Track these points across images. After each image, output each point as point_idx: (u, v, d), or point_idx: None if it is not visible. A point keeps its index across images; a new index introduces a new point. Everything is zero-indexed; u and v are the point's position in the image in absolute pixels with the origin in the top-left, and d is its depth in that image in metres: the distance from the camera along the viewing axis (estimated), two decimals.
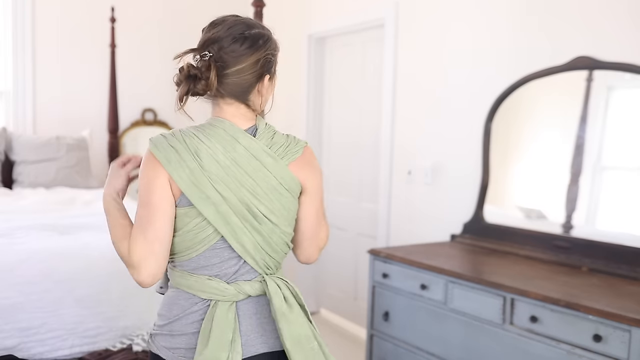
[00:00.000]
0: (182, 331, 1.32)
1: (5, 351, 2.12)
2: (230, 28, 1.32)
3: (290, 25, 4.32)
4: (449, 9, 3.14)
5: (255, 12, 2.38)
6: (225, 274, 1.33)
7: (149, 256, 1.26)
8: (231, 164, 1.29)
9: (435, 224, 3.19)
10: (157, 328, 1.37)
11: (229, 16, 1.36)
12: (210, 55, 1.30)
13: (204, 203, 1.27)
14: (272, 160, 1.33)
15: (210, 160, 1.28)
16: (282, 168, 1.34)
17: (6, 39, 4.01)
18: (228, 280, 1.33)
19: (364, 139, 3.86)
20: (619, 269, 2.29)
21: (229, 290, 1.31)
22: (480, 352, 2.26)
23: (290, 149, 1.37)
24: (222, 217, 1.28)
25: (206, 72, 1.29)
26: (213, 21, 1.36)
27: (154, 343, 1.37)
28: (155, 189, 1.27)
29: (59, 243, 2.47)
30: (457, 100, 3.09)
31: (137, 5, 4.44)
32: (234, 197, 1.29)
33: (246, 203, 1.30)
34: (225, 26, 1.32)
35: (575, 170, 2.53)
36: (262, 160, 1.32)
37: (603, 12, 2.46)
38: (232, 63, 1.30)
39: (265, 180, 1.32)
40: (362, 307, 3.78)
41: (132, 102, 4.44)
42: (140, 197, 1.28)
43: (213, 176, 1.28)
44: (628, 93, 2.48)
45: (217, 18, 1.37)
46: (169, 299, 1.37)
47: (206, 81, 1.29)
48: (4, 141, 3.73)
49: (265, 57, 1.33)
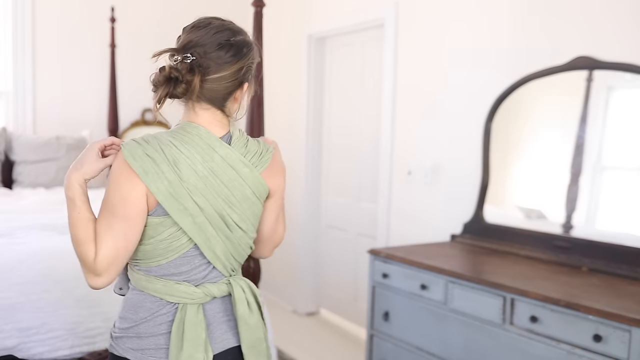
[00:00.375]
0: (150, 333, 1.32)
1: (5, 351, 2.11)
2: (215, 33, 1.28)
3: (290, 25, 4.32)
4: (448, 9, 3.14)
5: (255, 12, 2.37)
6: (195, 279, 1.33)
7: (115, 265, 1.25)
8: (209, 174, 1.27)
9: (435, 224, 3.19)
10: (121, 331, 1.35)
11: (213, 19, 1.33)
12: (193, 58, 1.26)
13: (182, 214, 1.25)
14: (248, 170, 1.32)
15: (189, 171, 1.25)
16: (256, 177, 1.34)
17: (6, 39, 4.01)
18: (196, 284, 1.33)
19: (364, 139, 3.86)
20: (619, 269, 2.29)
21: (197, 293, 1.31)
22: (480, 352, 2.26)
23: (263, 157, 1.37)
24: (198, 228, 1.27)
25: (187, 75, 1.25)
26: (197, 22, 1.32)
27: (118, 346, 1.35)
28: (132, 202, 1.22)
29: (59, 243, 2.46)
30: (457, 100, 3.09)
31: (137, 5, 4.44)
32: (210, 208, 1.28)
33: (221, 213, 1.30)
34: (211, 30, 1.29)
35: (575, 170, 2.53)
36: (238, 170, 1.31)
37: (603, 12, 2.46)
38: (215, 70, 1.27)
39: (240, 189, 1.32)
40: (362, 307, 3.78)
41: (132, 102, 4.44)
42: (114, 207, 1.22)
43: (192, 187, 1.25)
44: (628, 93, 2.48)
45: (200, 19, 1.33)
46: (132, 301, 1.35)
47: (187, 85, 1.25)
48: (4, 141, 3.73)
49: (247, 65, 1.32)
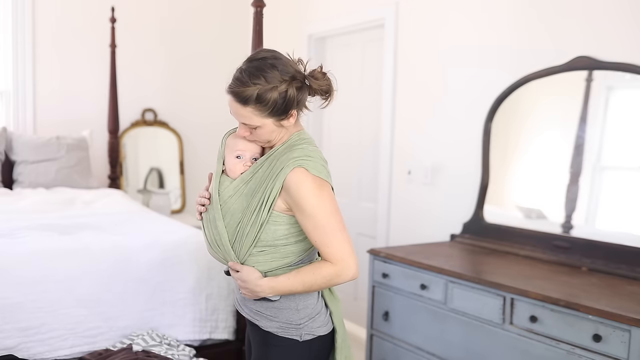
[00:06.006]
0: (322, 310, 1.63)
1: (5, 351, 2.12)
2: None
3: (290, 25, 4.32)
4: (448, 9, 3.14)
5: (255, 12, 2.37)
6: None
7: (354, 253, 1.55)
8: None
9: (435, 224, 3.19)
10: (310, 320, 1.58)
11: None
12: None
13: None
14: None
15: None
16: None
17: (6, 39, 4.01)
18: None
19: (364, 138, 3.86)
20: (619, 269, 2.29)
21: None
22: (480, 352, 2.26)
23: None
24: None
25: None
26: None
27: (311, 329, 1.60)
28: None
29: (59, 243, 2.47)
30: (456, 100, 3.09)
31: (138, 6, 4.44)
32: None
33: None
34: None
35: (575, 170, 2.53)
36: None
37: (603, 12, 2.46)
38: None
39: None
40: (362, 307, 3.78)
41: (132, 102, 4.44)
42: (338, 223, 1.50)
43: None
44: (628, 93, 2.48)
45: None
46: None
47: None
48: (4, 141, 3.72)
49: None
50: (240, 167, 1.57)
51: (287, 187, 1.47)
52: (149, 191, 4.41)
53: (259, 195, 1.50)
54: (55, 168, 3.73)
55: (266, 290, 1.52)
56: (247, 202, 1.52)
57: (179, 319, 2.49)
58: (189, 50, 4.66)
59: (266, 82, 1.45)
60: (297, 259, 1.56)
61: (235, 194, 1.54)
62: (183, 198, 4.62)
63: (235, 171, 1.57)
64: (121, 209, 3.30)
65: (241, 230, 1.52)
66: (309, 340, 1.57)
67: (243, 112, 1.48)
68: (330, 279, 1.50)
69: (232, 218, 1.53)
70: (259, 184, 1.51)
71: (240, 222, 1.52)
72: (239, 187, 1.54)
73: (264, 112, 1.47)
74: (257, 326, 1.61)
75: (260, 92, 1.45)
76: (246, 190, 1.53)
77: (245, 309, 1.64)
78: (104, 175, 4.27)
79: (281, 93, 1.46)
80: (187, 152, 4.68)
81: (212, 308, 2.56)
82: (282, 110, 1.48)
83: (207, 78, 4.74)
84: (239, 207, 1.53)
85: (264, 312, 1.58)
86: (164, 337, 2.39)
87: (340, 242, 1.49)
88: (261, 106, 1.46)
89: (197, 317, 2.52)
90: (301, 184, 1.46)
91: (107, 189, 3.80)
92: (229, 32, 4.77)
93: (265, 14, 2.43)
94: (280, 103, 1.47)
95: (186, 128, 4.67)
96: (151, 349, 2.26)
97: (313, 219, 1.47)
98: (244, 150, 1.57)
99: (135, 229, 2.81)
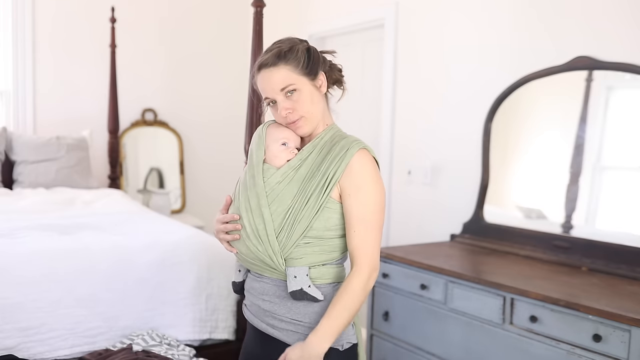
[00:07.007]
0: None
1: (5, 351, 2.11)
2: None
3: (290, 25, 4.32)
4: (448, 9, 3.14)
5: (255, 12, 2.37)
6: None
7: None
8: None
9: (435, 223, 3.19)
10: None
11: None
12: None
13: None
14: None
15: None
16: None
17: (6, 39, 4.01)
18: None
19: (364, 138, 3.85)
20: (619, 269, 2.29)
21: None
22: (480, 352, 2.26)
23: None
24: None
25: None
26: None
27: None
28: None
29: (59, 243, 2.47)
30: (456, 100, 3.09)
31: (138, 6, 4.44)
32: None
33: None
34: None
35: (575, 170, 2.53)
36: None
37: (603, 12, 2.46)
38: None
39: None
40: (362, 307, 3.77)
41: (132, 102, 4.44)
42: (380, 220, 1.48)
43: None
44: (628, 93, 2.48)
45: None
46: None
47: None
48: (4, 141, 3.73)
49: None
50: (286, 154, 1.54)
51: (351, 167, 1.47)
52: (149, 191, 4.41)
53: (317, 178, 1.47)
54: (55, 168, 3.73)
55: (324, 341, 1.43)
56: (298, 188, 1.48)
57: (179, 319, 2.49)
58: (189, 50, 4.66)
59: (288, 42, 1.55)
60: (340, 255, 1.53)
61: (284, 179, 1.50)
62: (183, 198, 4.62)
63: (281, 158, 1.54)
64: (121, 209, 3.31)
65: (292, 217, 1.46)
66: (347, 350, 1.53)
67: (278, 75, 1.51)
68: (364, 285, 1.47)
69: (280, 205, 1.47)
70: (311, 170, 1.50)
71: (291, 208, 1.47)
72: (288, 173, 1.51)
73: (297, 67, 1.52)
74: (279, 341, 1.51)
75: (286, 48, 1.52)
76: (296, 176, 1.50)
77: (271, 320, 1.53)
78: (104, 175, 4.27)
79: (303, 49, 1.55)
80: (187, 152, 4.68)
81: (212, 308, 2.56)
82: (311, 67, 1.54)
83: (207, 78, 4.74)
84: (289, 193, 1.48)
85: (302, 321, 1.50)
86: (164, 337, 2.39)
87: (376, 241, 1.48)
88: (293, 59, 1.51)
89: (197, 317, 2.52)
90: (366, 165, 1.48)
91: (107, 189, 3.80)
92: (228, 32, 4.77)
93: (265, 14, 2.43)
94: (307, 56, 1.54)
95: (186, 128, 4.67)
96: (151, 349, 2.26)
97: (364, 207, 1.46)
98: (289, 138, 1.56)
99: (135, 229, 2.81)
